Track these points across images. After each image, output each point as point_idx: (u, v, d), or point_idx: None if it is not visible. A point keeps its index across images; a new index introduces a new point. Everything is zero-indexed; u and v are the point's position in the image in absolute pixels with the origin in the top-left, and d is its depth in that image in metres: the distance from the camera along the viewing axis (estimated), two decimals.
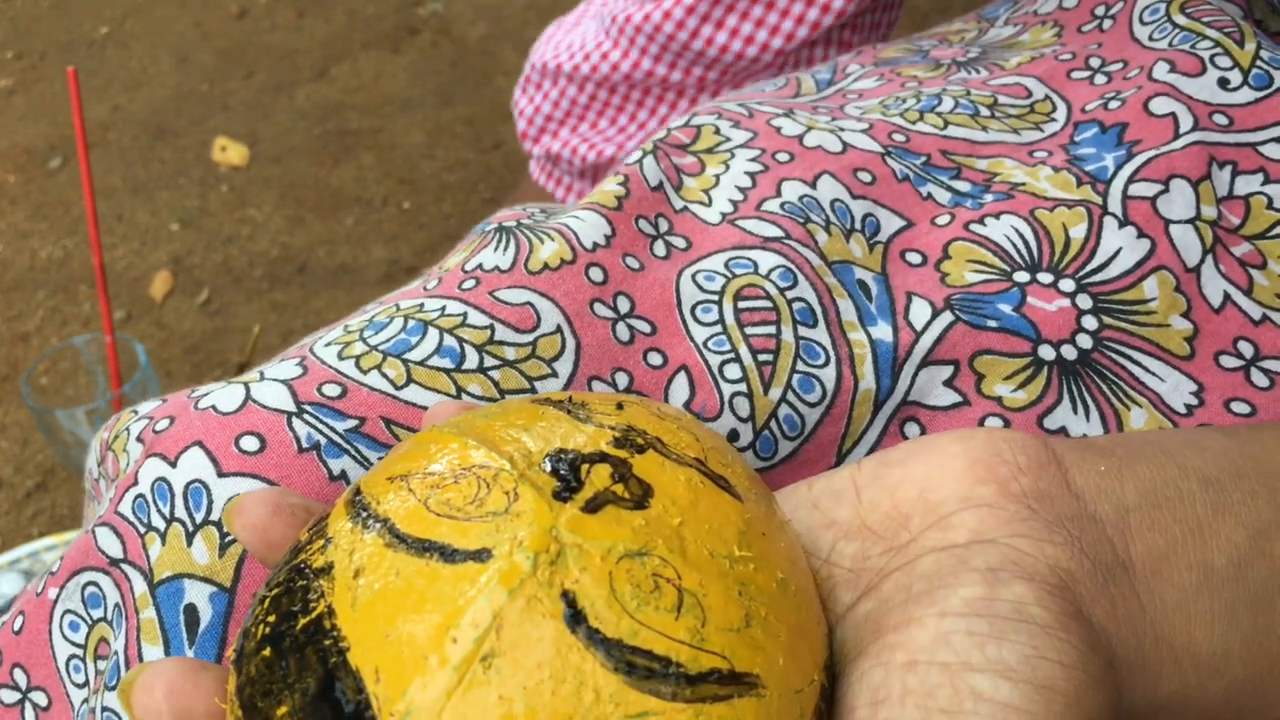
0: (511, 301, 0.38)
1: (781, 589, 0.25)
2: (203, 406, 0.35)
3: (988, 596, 0.24)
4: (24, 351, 1.36)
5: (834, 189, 0.42)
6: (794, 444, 0.37)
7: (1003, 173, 0.42)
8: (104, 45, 1.87)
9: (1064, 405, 0.37)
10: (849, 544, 0.28)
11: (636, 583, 0.23)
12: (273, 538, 0.28)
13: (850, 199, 0.42)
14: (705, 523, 0.24)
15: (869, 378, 0.37)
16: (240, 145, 1.64)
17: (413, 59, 1.80)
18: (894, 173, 0.42)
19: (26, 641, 0.37)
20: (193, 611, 0.32)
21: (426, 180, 1.57)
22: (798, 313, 0.38)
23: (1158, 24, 0.45)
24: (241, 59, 1.82)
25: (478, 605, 0.22)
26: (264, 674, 0.23)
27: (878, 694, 0.24)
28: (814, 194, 0.41)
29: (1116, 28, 0.47)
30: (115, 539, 0.34)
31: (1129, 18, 0.46)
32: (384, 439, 0.35)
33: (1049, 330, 0.38)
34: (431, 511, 0.23)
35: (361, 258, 1.46)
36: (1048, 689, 0.23)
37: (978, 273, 0.39)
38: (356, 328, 0.39)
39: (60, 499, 1.20)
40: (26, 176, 1.62)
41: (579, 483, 0.24)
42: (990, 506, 0.26)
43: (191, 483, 0.33)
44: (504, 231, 0.41)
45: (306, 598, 0.23)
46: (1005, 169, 0.42)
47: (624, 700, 0.21)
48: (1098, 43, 0.47)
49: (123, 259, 1.47)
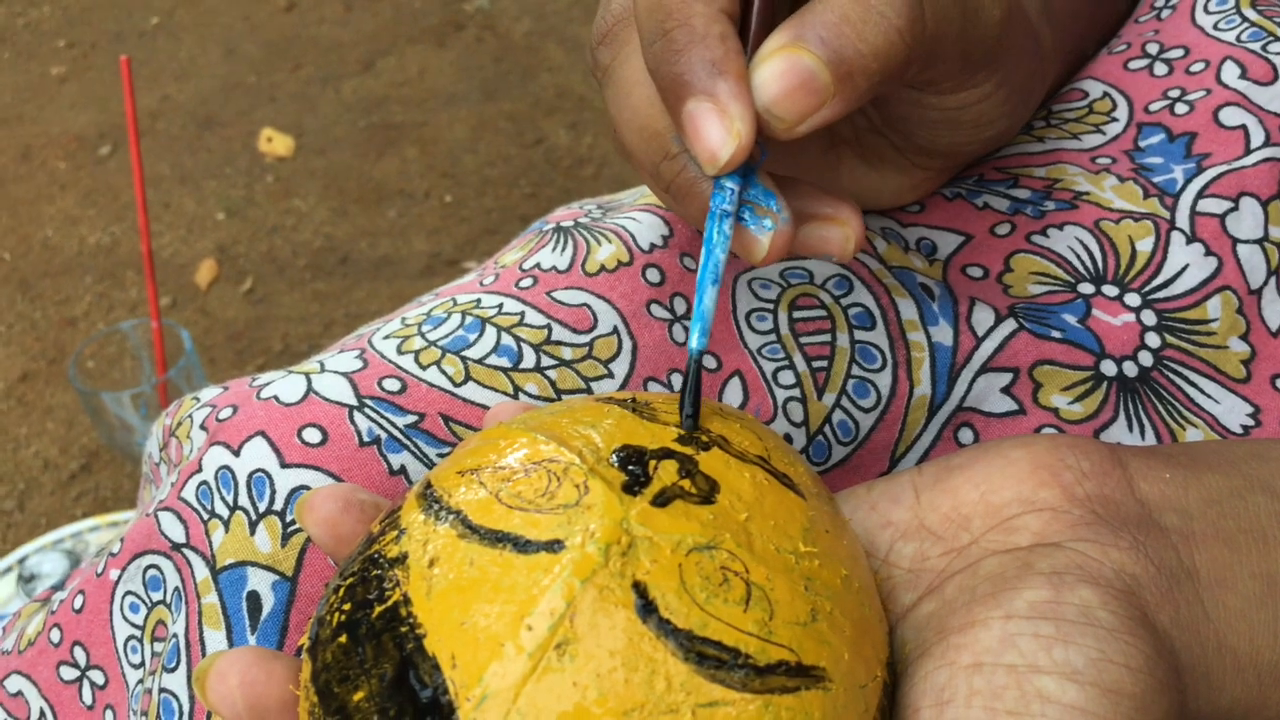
0: (569, 302, 0.38)
1: (845, 585, 0.25)
2: (265, 396, 0.36)
3: (1054, 600, 0.24)
4: (71, 335, 1.38)
5: (882, 219, 0.41)
6: (848, 449, 0.37)
7: (1064, 179, 0.41)
8: (154, 36, 1.89)
9: (1120, 422, 0.37)
10: (907, 544, 0.28)
11: (705, 575, 0.23)
12: (342, 532, 0.28)
13: (901, 227, 0.41)
14: (771, 518, 0.25)
15: (925, 383, 0.37)
16: (286, 136, 1.66)
17: (458, 54, 1.81)
18: (944, 195, 0.42)
19: (87, 620, 0.38)
20: (255, 599, 0.33)
21: (468, 174, 1.58)
22: (854, 318, 0.38)
23: (1225, 15, 0.44)
24: (289, 51, 1.84)
25: (551, 594, 0.22)
26: (340, 660, 0.23)
27: (943, 694, 0.24)
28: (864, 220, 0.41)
29: (1176, 15, 0.45)
30: (178, 524, 0.35)
31: (1190, 6, 0.45)
32: (443, 435, 0.35)
33: (1113, 345, 0.37)
34: (503, 504, 0.24)
35: (403, 250, 1.47)
36: (1115, 692, 0.23)
37: (1041, 284, 0.38)
38: (414, 321, 0.39)
39: (104, 481, 1.22)
40: (76, 164, 1.64)
41: (647, 477, 0.25)
42: (1054, 510, 0.26)
43: (255, 472, 0.34)
44: (562, 232, 0.41)
45: (382, 586, 0.23)
46: (1067, 175, 0.41)
47: (694, 689, 0.22)
48: (1154, 30, 0.46)
49: (169, 247, 1.49)
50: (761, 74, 0.29)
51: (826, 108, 0.29)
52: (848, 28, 0.29)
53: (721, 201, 0.30)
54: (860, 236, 0.33)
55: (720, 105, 0.29)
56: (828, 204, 0.32)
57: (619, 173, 1.56)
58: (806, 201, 0.32)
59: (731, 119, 0.28)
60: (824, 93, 0.29)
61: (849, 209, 0.33)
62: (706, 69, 0.29)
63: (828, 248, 0.33)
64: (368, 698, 0.22)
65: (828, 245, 0.33)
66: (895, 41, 0.29)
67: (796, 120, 0.29)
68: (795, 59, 0.29)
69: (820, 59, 0.28)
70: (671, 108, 0.30)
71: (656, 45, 0.30)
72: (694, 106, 0.29)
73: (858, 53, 0.29)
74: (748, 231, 0.31)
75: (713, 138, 0.29)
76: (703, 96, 0.29)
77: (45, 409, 1.30)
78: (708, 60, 0.29)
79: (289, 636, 0.33)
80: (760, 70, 0.29)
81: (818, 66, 0.28)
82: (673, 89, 0.29)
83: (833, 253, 0.33)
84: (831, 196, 0.33)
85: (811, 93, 0.29)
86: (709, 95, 0.29)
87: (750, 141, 0.29)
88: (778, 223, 0.31)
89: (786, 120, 0.29)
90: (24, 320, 1.41)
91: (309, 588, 0.33)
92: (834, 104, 0.29)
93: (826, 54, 0.28)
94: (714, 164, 0.29)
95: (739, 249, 0.31)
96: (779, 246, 0.31)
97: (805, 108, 0.29)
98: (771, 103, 0.29)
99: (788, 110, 0.29)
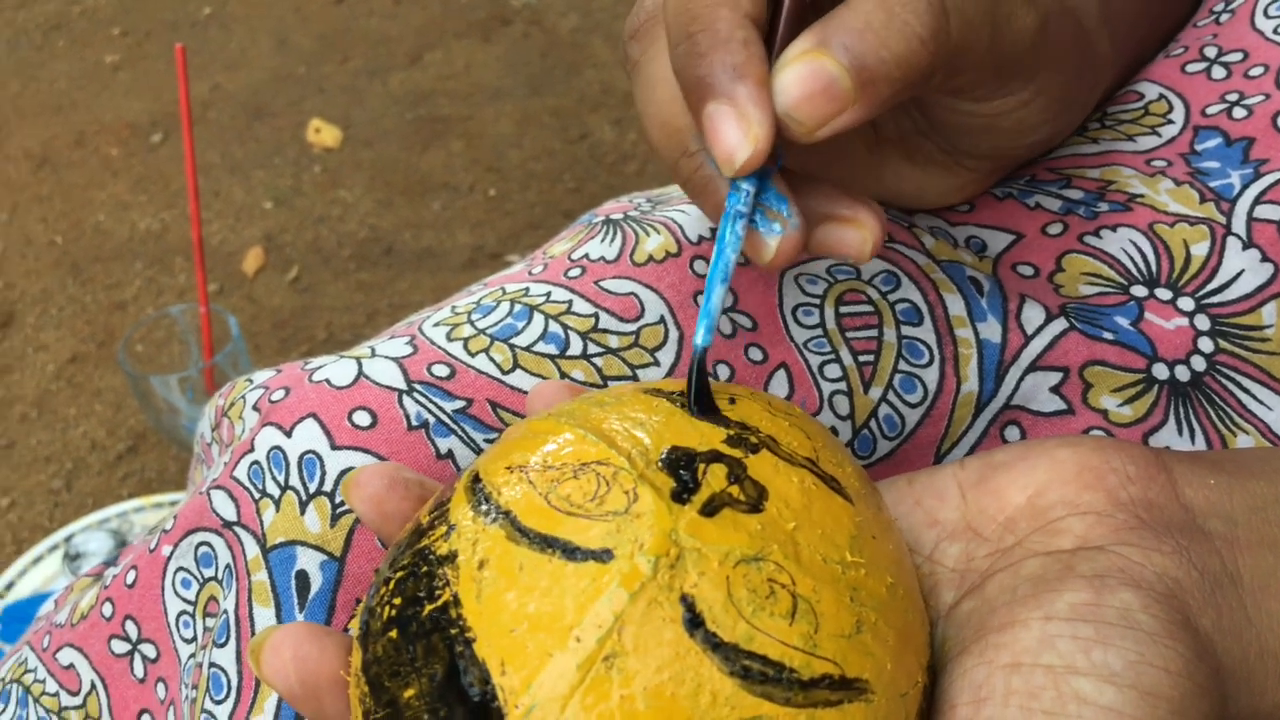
0: (616, 291, 0.39)
1: (890, 593, 0.25)
2: (317, 380, 0.37)
3: (1094, 602, 0.24)
4: (120, 319, 1.40)
5: (931, 218, 0.41)
6: (893, 444, 0.37)
7: (1118, 181, 0.41)
8: (206, 25, 1.92)
9: (1169, 426, 0.37)
10: (953, 545, 0.28)
11: (752, 588, 0.23)
12: (388, 510, 0.29)
13: (950, 226, 0.41)
14: (818, 527, 0.25)
15: (972, 379, 0.37)
16: (334, 128, 1.67)
17: (504, 49, 1.82)
18: (994, 195, 0.42)
19: (139, 595, 0.38)
20: (304, 578, 0.33)
21: (513, 168, 1.59)
22: (901, 313, 0.38)
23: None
24: (338, 43, 1.85)
25: (599, 606, 0.22)
26: (391, 655, 0.24)
27: (980, 692, 0.24)
28: (912, 219, 0.41)
29: (1235, 19, 0.45)
30: (230, 502, 0.36)
31: (1250, 10, 0.45)
32: (490, 421, 0.36)
33: (1165, 349, 0.37)
34: (553, 506, 0.24)
35: (446, 242, 1.48)
36: (1153, 695, 0.23)
37: (1093, 285, 0.38)
38: (464, 310, 0.39)
39: (150, 463, 1.24)
40: (128, 150, 1.67)
41: (696, 483, 0.25)
42: (1099, 514, 0.26)
43: (306, 453, 0.35)
44: (611, 224, 0.42)
45: (432, 585, 0.24)
46: (1121, 177, 0.41)
47: (739, 704, 0.22)
48: (1213, 34, 0.45)
49: (218, 234, 1.51)
50: (783, 78, 0.29)
51: (847, 113, 0.29)
52: (871, 35, 0.29)
53: (736, 202, 0.31)
54: (879, 240, 0.33)
55: (740, 109, 0.29)
56: (847, 205, 0.33)
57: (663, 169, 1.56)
58: (826, 202, 0.33)
59: (750, 123, 0.29)
60: (845, 99, 0.29)
61: (868, 211, 0.33)
62: (728, 73, 0.29)
63: (844, 249, 0.33)
64: (418, 696, 0.23)
65: (844, 247, 0.33)
66: (918, 50, 0.29)
67: (816, 125, 0.29)
68: (817, 64, 0.29)
69: (842, 65, 0.29)
70: (693, 108, 0.30)
71: (681, 47, 0.30)
72: (714, 109, 0.29)
73: (880, 60, 0.29)
74: (757, 234, 0.31)
75: (730, 140, 0.29)
76: (723, 100, 0.29)
77: (94, 391, 1.32)
78: (729, 65, 0.29)
79: (336, 615, 0.33)
80: (782, 75, 0.29)
81: (839, 72, 0.29)
82: (695, 90, 0.30)
83: (849, 255, 0.33)
84: (851, 198, 0.33)
85: (832, 98, 0.29)
86: (729, 99, 0.29)
87: (767, 146, 0.29)
88: (786, 228, 0.31)
89: (806, 125, 0.29)
90: (75, 303, 1.43)
91: (356, 568, 0.33)
92: (855, 110, 0.29)
93: (849, 60, 0.29)
94: (730, 166, 0.30)
95: (748, 250, 0.32)
96: (785, 251, 0.31)
97: (825, 113, 0.29)
98: (792, 107, 0.29)
99: (808, 115, 0.29)
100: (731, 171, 0.30)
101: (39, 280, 1.47)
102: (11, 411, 1.30)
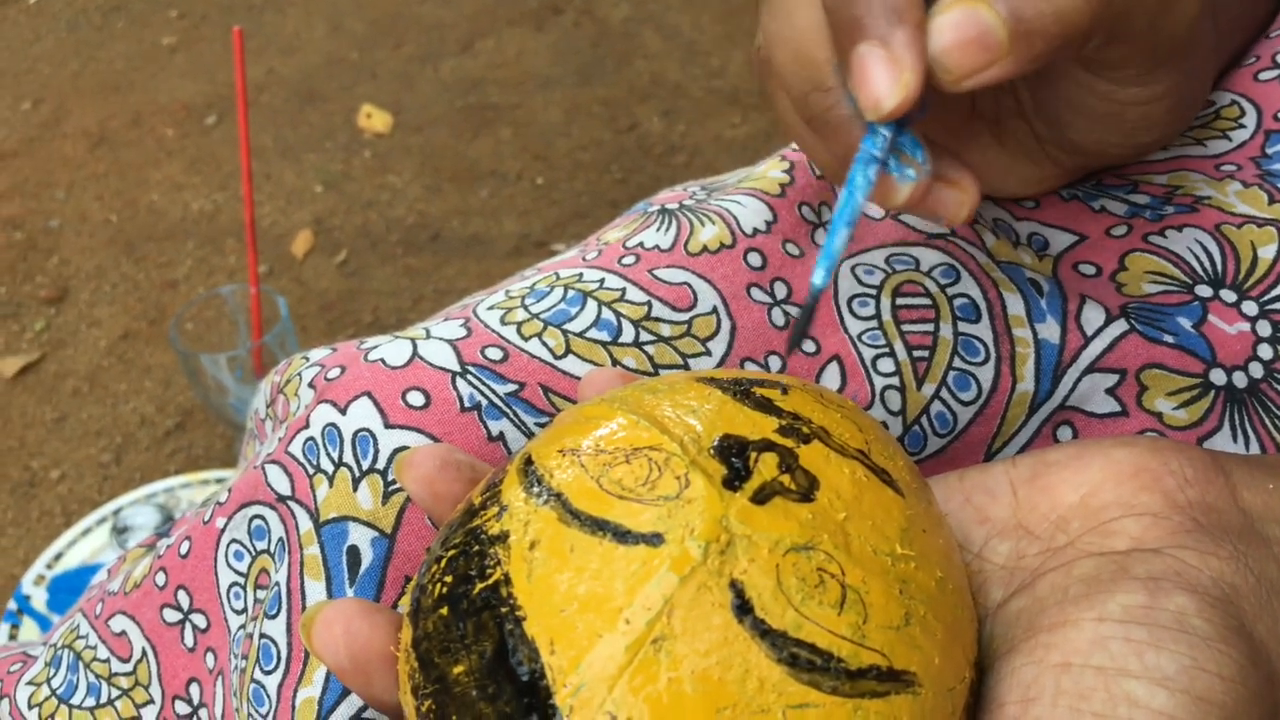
0: (670, 281, 0.39)
1: (940, 588, 0.25)
2: (372, 359, 0.37)
3: (1148, 605, 0.24)
4: (171, 297, 1.43)
5: (996, 210, 0.41)
6: (943, 441, 0.37)
7: (1186, 185, 0.40)
8: (262, 9, 1.94)
9: (1224, 432, 0.36)
10: (1003, 542, 0.28)
11: (802, 576, 0.23)
12: (439, 490, 0.29)
13: (1014, 220, 0.41)
14: (869, 518, 0.25)
15: (1028, 379, 0.37)
16: (385, 113, 1.69)
17: (555, 38, 1.83)
18: (1060, 196, 0.41)
19: (192, 566, 0.39)
20: (355, 553, 0.34)
21: (561, 157, 1.60)
22: (959, 309, 0.38)
23: None
24: (391, 29, 1.87)
25: (649, 589, 0.22)
26: (441, 632, 0.24)
27: (1029, 692, 0.24)
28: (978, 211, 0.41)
29: None
30: (284, 477, 0.36)
31: None
32: (541, 405, 0.36)
33: (1225, 354, 0.37)
34: (604, 490, 0.24)
35: (493, 229, 1.49)
36: (1205, 701, 0.23)
37: (1156, 284, 0.38)
38: (518, 294, 0.40)
39: (197, 440, 1.26)
40: (183, 131, 1.69)
41: (747, 471, 0.25)
42: (1155, 516, 0.26)
43: (360, 431, 0.35)
44: (666, 214, 0.42)
45: (483, 563, 0.24)
46: (1189, 181, 0.40)
47: (786, 691, 0.22)
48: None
49: (268, 216, 1.53)
50: (938, 22, 0.29)
51: (997, 66, 0.29)
52: None
53: (873, 147, 0.30)
54: (974, 205, 0.33)
55: (893, 53, 0.28)
56: (951, 167, 0.33)
57: (710, 161, 1.56)
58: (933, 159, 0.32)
59: (902, 69, 0.28)
60: (998, 50, 0.28)
61: (970, 177, 0.33)
62: (886, 14, 0.29)
63: (941, 209, 0.33)
64: (467, 672, 0.23)
65: (941, 206, 0.33)
66: (1080, 7, 0.28)
67: (964, 74, 0.29)
68: (974, 12, 0.28)
69: (1000, 15, 0.28)
70: (841, 45, 0.30)
71: None
72: (866, 50, 0.29)
73: (1039, 13, 0.28)
74: (889, 178, 0.31)
75: (880, 85, 0.29)
76: (876, 42, 0.29)
77: (144, 368, 1.34)
78: (888, 5, 0.29)
79: (385, 591, 0.34)
80: (937, 19, 0.29)
81: (995, 22, 0.28)
82: (847, 29, 0.29)
83: (945, 214, 0.33)
84: (955, 160, 0.33)
85: (985, 48, 0.28)
86: (883, 41, 0.29)
87: (916, 94, 0.28)
88: (920, 174, 0.31)
89: (954, 73, 0.29)
90: (127, 281, 1.46)
91: (406, 546, 0.34)
92: (1006, 63, 0.29)
93: (1007, 10, 0.28)
94: (876, 111, 0.29)
95: (877, 194, 0.31)
96: (916, 197, 0.31)
97: (976, 63, 0.29)
98: (942, 52, 0.29)
99: (957, 62, 0.29)
100: (876, 116, 0.29)
101: (94, 257, 1.49)
102: (64, 385, 1.33)
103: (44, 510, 1.20)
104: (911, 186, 0.31)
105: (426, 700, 0.24)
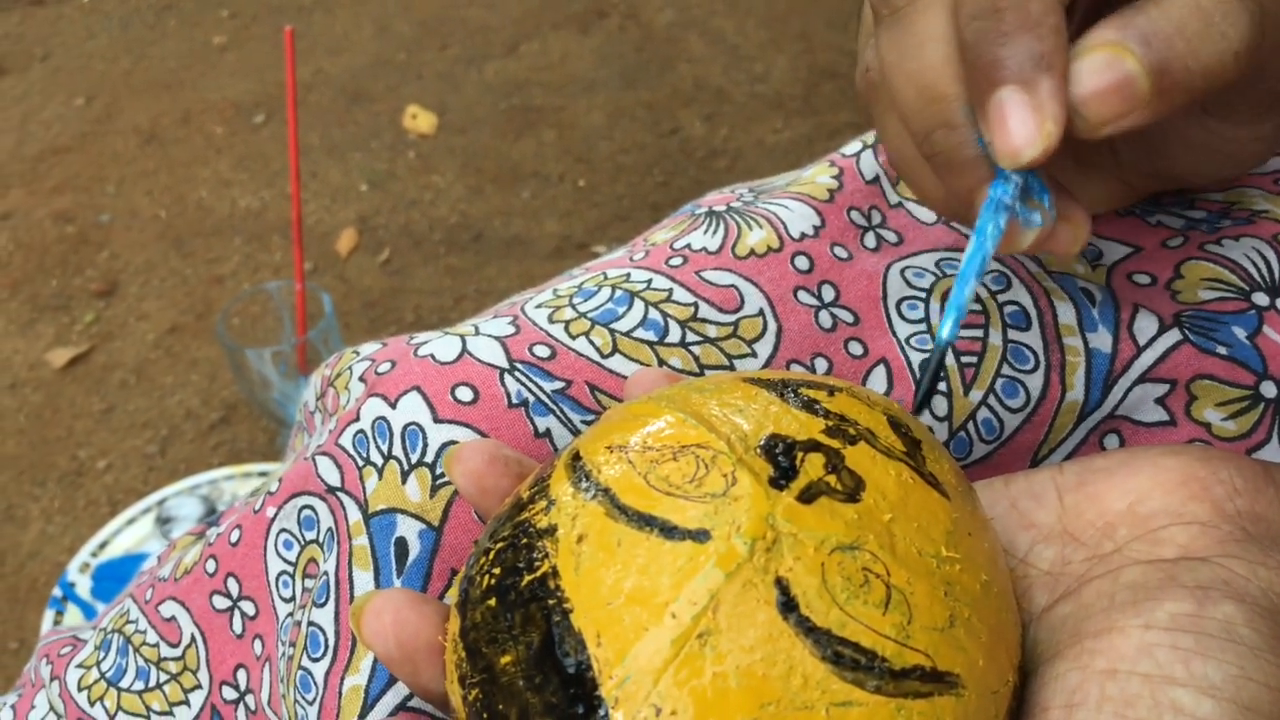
0: (717, 282, 0.39)
1: (985, 590, 0.25)
2: (422, 354, 0.38)
3: (1196, 613, 0.24)
4: (218, 292, 1.45)
5: None
6: (989, 447, 0.37)
7: (1243, 200, 0.40)
8: (311, 10, 1.96)
9: (1273, 445, 0.36)
10: (1048, 548, 0.28)
11: (847, 576, 0.23)
12: (486, 485, 0.30)
13: None
14: (914, 520, 0.25)
15: (1078, 388, 0.37)
16: (430, 114, 1.70)
17: (599, 41, 1.83)
18: (1116, 212, 0.41)
19: (242, 554, 0.40)
20: (403, 544, 0.34)
21: (603, 160, 1.60)
22: (1009, 316, 0.38)
23: None
24: (438, 31, 1.88)
25: (695, 584, 0.23)
26: (489, 622, 0.24)
27: (1073, 697, 0.24)
28: None
29: None
30: (334, 468, 0.37)
31: None
32: (588, 403, 0.36)
33: (1276, 366, 0.36)
34: (652, 486, 0.25)
35: (534, 230, 1.50)
36: (1251, 710, 0.23)
37: (1213, 290, 0.37)
38: (566, 293, 0.40)
39: (241, 433, 1.27)
40: (232, 129, 1.72)
41: (794, 470, 0.25)
42: (1203, 525, 0.26)
43: (409, 425, 0.36)
44: (714, 216, 0.42)
45: (531, 556, 0.24)
46: (1246, 198, 0.40)
47: (829, 689, 0.22)
48: None
49: (314, 214, 1.54)
50: (1078, 67, 0.28)
51: (1134, 115, 0.28)
52: (1181, 41, 0.27)
53: (1004, 194, 0.29)
54: (1086, 240, 0.31)
55: (1037, 100, 0.27)
56: (1068, 203, 0.31)
57: (753, 165, 1.57)
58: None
59: (1045, 117, 0.27)
60: (1138, 101, 0.27)
61: (1081, 212, 0.31)
62: (1032, 60, 0.27)
63: (1055, 246, 0.31)
64: (514, 663, 0.23)
65: (1056, 242, 0.31)
66: (1229, 65, 0.27)
67: (1101, 123, 0.28)
68: (1118, 60, 0.27)
69: (1144, 67, 0.27)
70: (978, 85, 0.28)
71: (982, 22, 0.28)
72: (1008, 95, 0.28)
73: (1185, 69, 0.27)
74: (1015, 223, 0.30)
75: (1019, 135, 0.28)
76: (1019, 87, 0.28)
77: (190, 361, 1.36)
78: (1036, 51, 0.27)
79: (431, 583, 0.34)
80: (1080, 63, 0.28)
81: (1139, 74, 0.27)
82: (988, 71, 0.28)
83: (1058, 251, 0.32)
84: (1067, 195, 0.32)
85: (1126, 98, 0.27)
86: (1028, 88, 0.27)
87: (1057, 144, 0.27)
88: (1046, 221, 0.30)
89: (1090, 121, 0.28)
90: (175, 275, 1.48)
91: (453, 539, 0.34)
92: (1143, 113, 0.28)
93: (1152, 62, 0.27)
94: (1014, 160, 0.28)
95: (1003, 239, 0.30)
96: (1039, 242, 0.30)
97: (1115, 112, 0.28)
98: (1081, 101, 0.28)
99: (1096, 111, 0.28)
100: (1013, 165, 0.28)
101: (143, 252, 1.52)
102: (112, 377, 1.35)
103: (90, 499, 1.22)
104: (1037, 233, 0.30)
105: (474, 689, 0.24)
